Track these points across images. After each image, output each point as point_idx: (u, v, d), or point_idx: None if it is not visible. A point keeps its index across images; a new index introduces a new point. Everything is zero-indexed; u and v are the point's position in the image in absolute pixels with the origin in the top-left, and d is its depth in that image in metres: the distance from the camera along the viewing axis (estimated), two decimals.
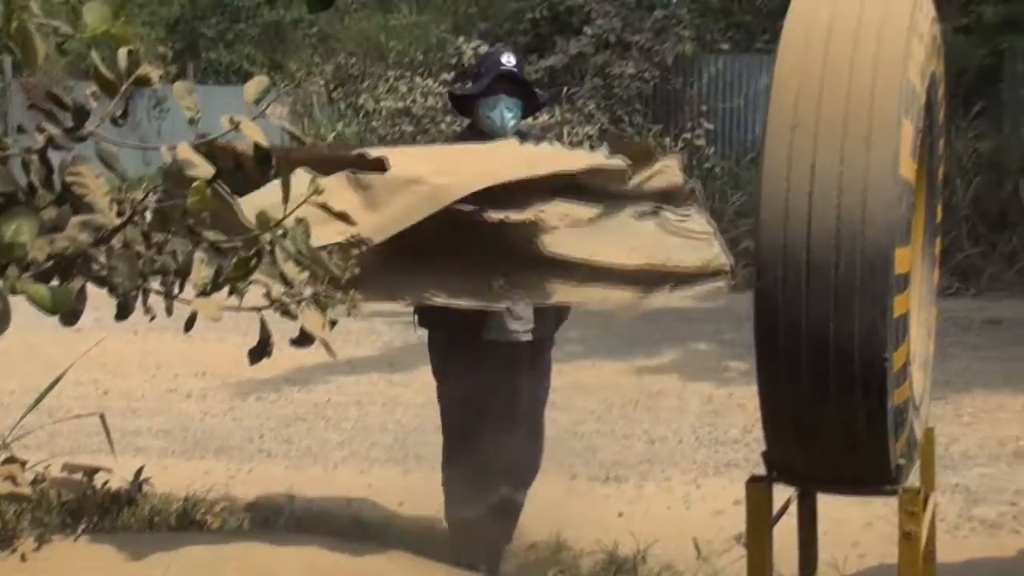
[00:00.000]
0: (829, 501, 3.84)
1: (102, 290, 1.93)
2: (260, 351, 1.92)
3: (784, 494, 3.56)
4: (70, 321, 1.80)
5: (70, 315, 1.73)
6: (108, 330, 3.09)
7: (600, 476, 6.22)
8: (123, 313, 1.77)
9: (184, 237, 1.77)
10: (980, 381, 8.03)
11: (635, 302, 3.83)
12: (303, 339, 1.88)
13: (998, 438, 6.74)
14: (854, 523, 5.24)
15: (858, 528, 5.24)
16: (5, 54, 1.99)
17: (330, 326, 1.84)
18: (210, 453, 6.82)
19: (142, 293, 1.89)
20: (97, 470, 5.44)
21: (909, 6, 3.07)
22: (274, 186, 1.84)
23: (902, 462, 3.14)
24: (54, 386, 5.24)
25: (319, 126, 15.56)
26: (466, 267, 3.72)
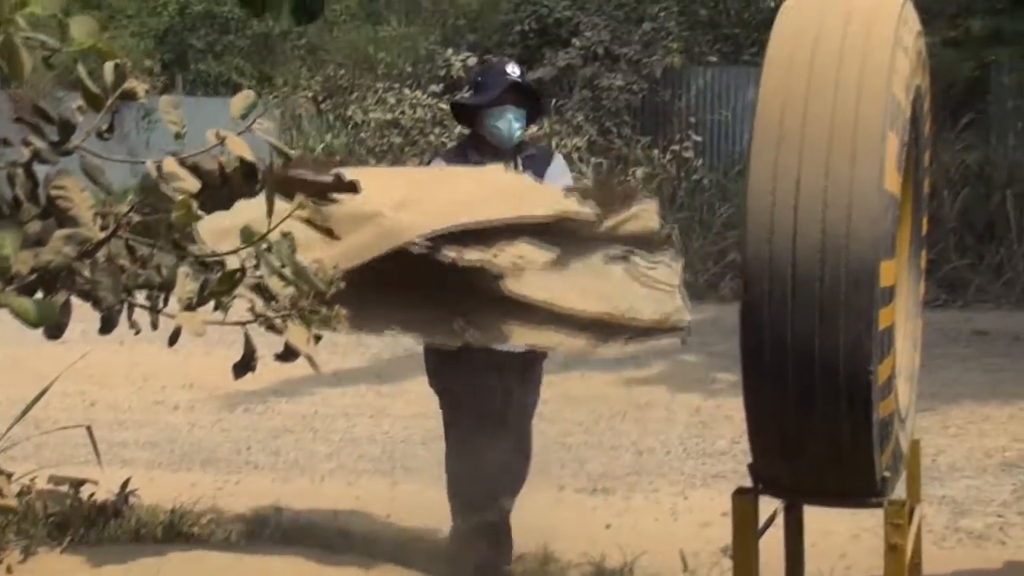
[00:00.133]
0: (816, 513, 3.84)
1: (88, 303, 1.93)
2: (244, 366, 1.93)
3: (771, 506, 3.57)
4: (55, 334, 1.80)
5: (54, 328, 1.73)
6: (95, 342, 3.09)
7: (588, 488, 6.21)
8: (107, 327, 1.77)
9: (170, 251, 1.77)
10: (967, 392, 8.05)
11: (587, 350, 3.86)
12: (288, 353, 1.88)
13: (985, 449, 6.75)
14: (841, 535, 5.25)
15: (845, 540, 5.24)
16: None
17: (315, 340, 1.84)
18: (197, 465, 6.80)
19: (127, 307, 1.90)
20: (83, 482, 5.43)
21: (894, 20, 3.08)
22: (238, 208, 1.85)
23: (888, 474, 3.15)
24: (40, 398, 5.23)
25: (308, 138, 15.57)
26: (427, 303, 3.72)
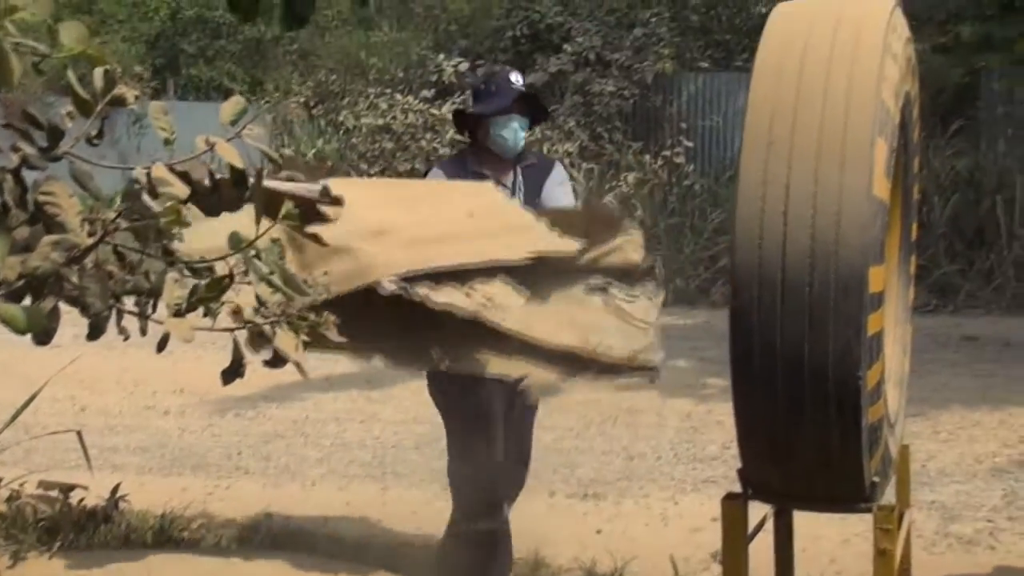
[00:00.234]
0: (807, 518, 3.85)
1: (77, 308, 1.93)
2: (233, 372, 1.93)
3: (761, 511, 3.58)
4: (43, 340, 1.80)
5: (43, 334, 1.73)
6: (85, 346, 3.08)
7: (579, 493, 6.22)
8: (95, 333, 1.77)
9: (159, 257, 1.77)
10: (957, 398, 8.07)
11: (556, 383, 3.86)
12: (277, 360, 1.88)
13: (975, 455, 6.77)
14: (831, 540, 5.26)
15: (835, 545, 5.26)
16: None
17: (303, 347, 1.85)
18: (188, 470, 6.80)
19: (116, 312, 1.90)
20: (73, 487, 5.43)
21: (883, 27, 3.09)
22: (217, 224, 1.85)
23: (876, 479, 3.15)
24: (31, 402, 5.23)
25: (299, 143, 15.57)
26: (407, 331, 3.73)
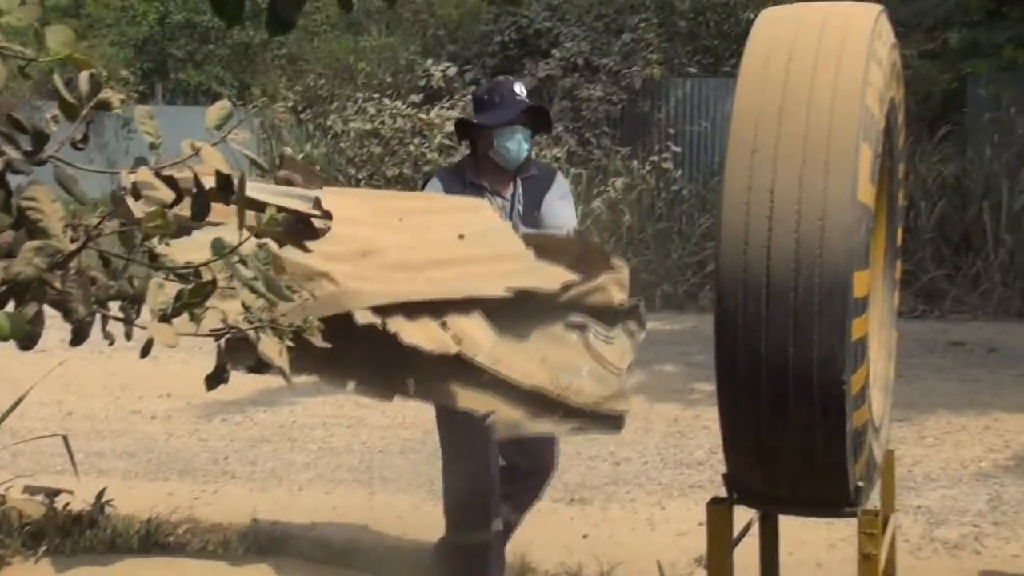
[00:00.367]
0: (793, 522, 3.86)
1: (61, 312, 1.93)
2: (216, 378, 1.93)
3: (747, 516, 3.58)
4: (27, 345, 1.80)
5: (26, 339, 1.73)
6: (71, 351, 3.08)
7: (565, 498, 6.22)
8: (78, 339, 1.77)
9: (143, 262, 1.77)
10: (943, 402, 8.09)
11: (521, 423, 3.85)
12: (261, 365, 1.88)
13: (960, 459, 6.79)
14: (818, 544, 5.27)
15: (821, 549, 5.27)
16: None
17: (287, 353, 1.85)
18: (174, 475, 6.78)
19: (101, 317, 1.89)
20: (59, 492, 5.42)
21: (867, 33, 3.11)
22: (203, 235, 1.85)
23: (861, 484, 3.16)
24: (16, 406, 5.21)
25: (287, 147, 15.55)
26: (383, 361, 3.73)
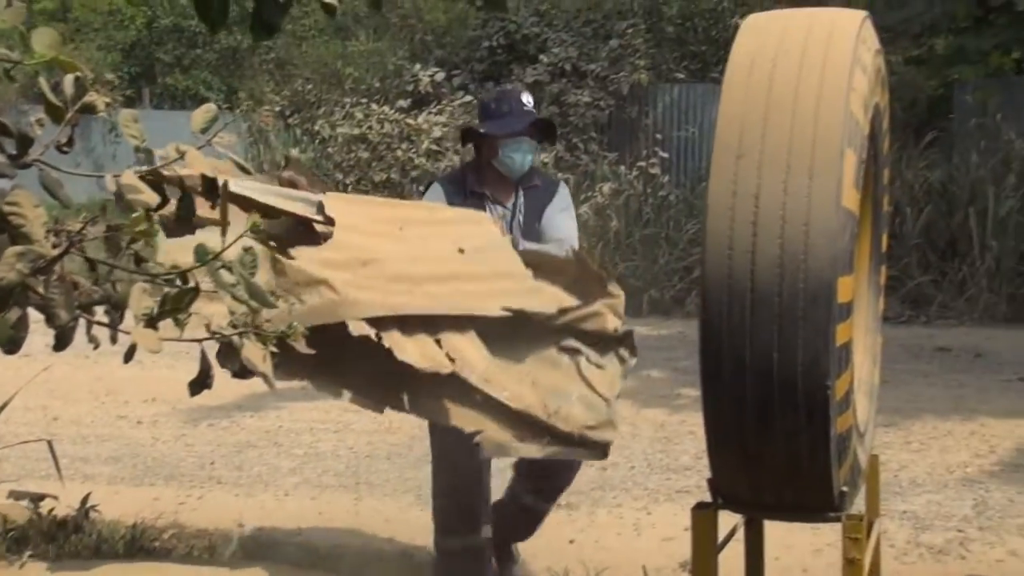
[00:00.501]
0: (779, 527, 3.86)
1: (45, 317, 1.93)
2: (200, 383, 1.93)
3: (733, 521, 3.59)
4: (11, 349, 1.80)
5: (10, 343, 1.73)
6: (57, 356, 3.09)
7: None
8: (61, 344, 1.77)
9: (126, 267, 1.77)
10: (929, 408, 8.11)
11: (507, 445, 3.86)
12: (244, 371, 1.88)
13: (946, 464, 6.80)
14: (803, 549, 5.28)
15: (807, 554, 5.28)
16: None
17: (271, 358, 1.85)
18: (160, 480, 6.77)
19: (86, 322, 1.89)
20: (44, 497, 5.41)
21: (852, 39, 3.12)
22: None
23: (846, 489, 3.17)
24: (1, 411, 5.20)
25: (274, 152, 15.54)
26: (377, 372, 3.74)
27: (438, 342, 3.74)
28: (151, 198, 1.94)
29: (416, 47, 16.69)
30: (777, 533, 4.05)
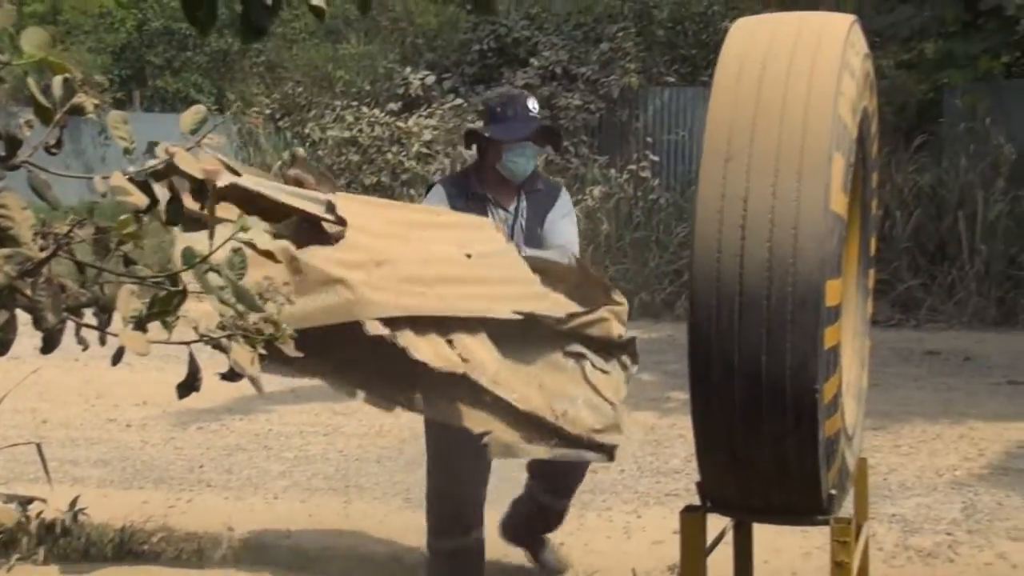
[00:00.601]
0: (768, 530, 3.87)
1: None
2: (188, 386, 1.92)
3: (722, 524, 3.59)
4: None
5: None
6: (46, 358, 3.07)
7: None
8: (48, 347, 1.77)
9: (113, 270, 1.77)
10: (919, 411, 8.12)
11: (515, 447, 3.87)
12: (233, 374, 1.88)
13: (935, 468, 6.81)
14: (792, 552, 5.29)
15: (796, 557, 5.28)
16: None
17: (260, 361, 1.84)
18: (149, 483, 6.76)
19: (74, 324, 1.89)
20: (32, 500, 5.38)
21: (841, 43, 3.13)
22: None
23: (834, 492, 3.18)
24: None
25: (265, 155, 15.53)
26: (387, 372, 3.75)
27: (450, 343, 3.76)
28: (140, 200, 1.94)
29: (407, 50, 16.69)
30: (766, 536, 4.06)
